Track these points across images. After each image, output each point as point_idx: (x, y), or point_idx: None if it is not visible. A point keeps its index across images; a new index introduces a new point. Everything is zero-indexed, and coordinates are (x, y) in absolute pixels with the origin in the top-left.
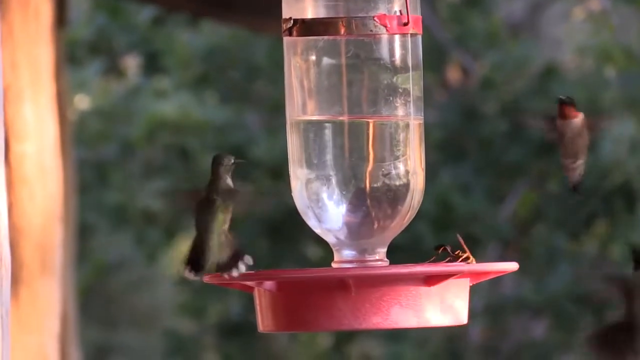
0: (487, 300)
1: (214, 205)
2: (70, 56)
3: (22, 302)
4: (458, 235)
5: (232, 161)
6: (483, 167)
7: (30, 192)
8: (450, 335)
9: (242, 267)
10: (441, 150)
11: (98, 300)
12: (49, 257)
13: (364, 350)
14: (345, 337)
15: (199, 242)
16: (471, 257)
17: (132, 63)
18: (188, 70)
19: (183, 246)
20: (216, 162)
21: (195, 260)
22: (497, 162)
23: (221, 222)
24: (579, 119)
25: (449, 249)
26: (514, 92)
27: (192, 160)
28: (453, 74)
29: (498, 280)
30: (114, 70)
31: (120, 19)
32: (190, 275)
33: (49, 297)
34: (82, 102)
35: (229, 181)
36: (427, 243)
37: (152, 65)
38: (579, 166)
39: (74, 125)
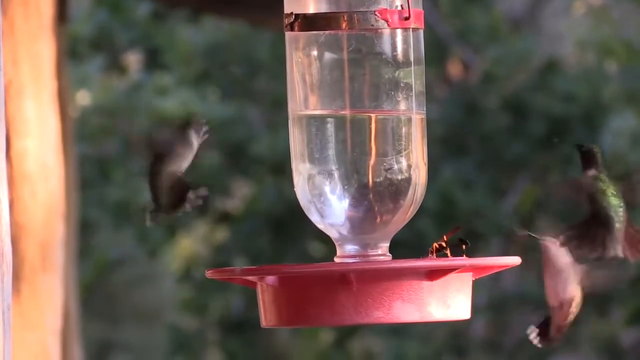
0: (489, 296)
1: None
2: (72, 52)
3: (24, 299)
4: (444, 237)
5: (204, 122)
6: (484, 162)
7: (31, 188)
8: (453, 330)
9: (188, 205)
10: (442, 145)
11: (100, 297)
12: (50, 253)
13: (366, 346)
14: (348, 333)
15: (151, 187)
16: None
17: (133, 59)
18: (189, 67)
19: (184, 243)
20: (188, 123)
21: (153, 205)
22: (498, 157)
23: (171, 166)
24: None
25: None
26: (515, 86)
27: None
28: (454, 69)
29: (500, 275)
30: (116, 66)
31: (121, 15)
32: (151, 221)
33: (51, 294)
34: (83, 98)
35: (193, 139)
36: (429, 238)
37: (154, 61)
38: None
39: (76, 121)
